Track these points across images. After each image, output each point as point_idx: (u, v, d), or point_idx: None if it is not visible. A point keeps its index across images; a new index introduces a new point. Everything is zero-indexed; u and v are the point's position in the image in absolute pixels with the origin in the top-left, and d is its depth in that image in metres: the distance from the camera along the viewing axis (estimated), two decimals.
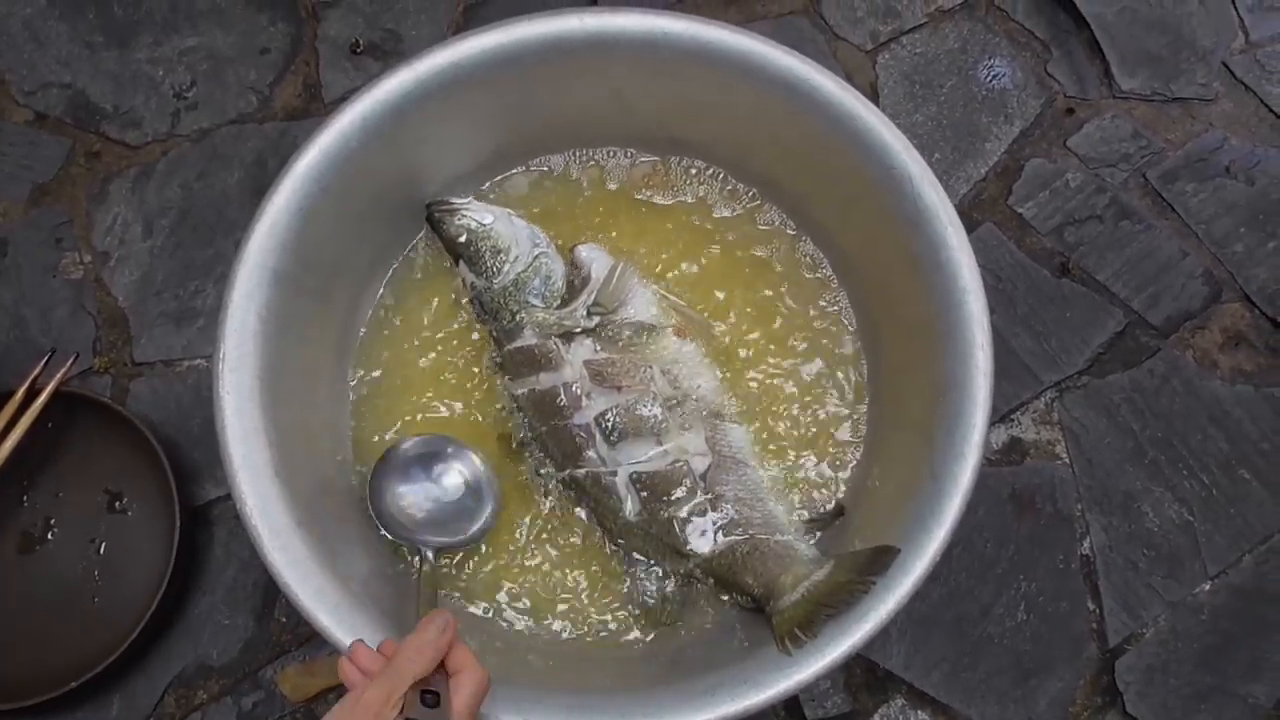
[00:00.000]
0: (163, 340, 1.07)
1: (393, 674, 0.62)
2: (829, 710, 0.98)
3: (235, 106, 1.16)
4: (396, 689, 0.61)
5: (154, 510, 0.99)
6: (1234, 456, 1.06)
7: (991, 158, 1.16)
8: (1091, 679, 1.00)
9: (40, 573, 0.99)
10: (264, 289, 0.79)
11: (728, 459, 0.85)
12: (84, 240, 1.10)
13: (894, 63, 1.19)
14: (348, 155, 0.82)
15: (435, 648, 0.64)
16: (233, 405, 0.76)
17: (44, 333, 1.07)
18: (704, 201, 0.95)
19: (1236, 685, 1.00)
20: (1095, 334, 1.09)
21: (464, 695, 0.63)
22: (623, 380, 0.85)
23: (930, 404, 0.79)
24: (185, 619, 1.00)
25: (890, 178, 0.82)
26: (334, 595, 0.74)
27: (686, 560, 0.83)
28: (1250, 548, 1.04)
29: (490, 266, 0.88)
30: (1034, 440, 1.06)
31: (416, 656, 0.63)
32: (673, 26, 0.85)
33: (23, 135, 1.14)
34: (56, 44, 1.17)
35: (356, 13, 1.19)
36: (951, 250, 0.80)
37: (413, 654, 0.63)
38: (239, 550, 1.02)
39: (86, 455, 1.01)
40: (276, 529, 0.74)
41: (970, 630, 1.01)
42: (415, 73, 0.83)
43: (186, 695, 0.98)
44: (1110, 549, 1.03)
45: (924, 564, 0.73)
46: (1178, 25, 1.21)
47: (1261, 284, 1.11)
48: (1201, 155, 1.16)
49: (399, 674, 0.62)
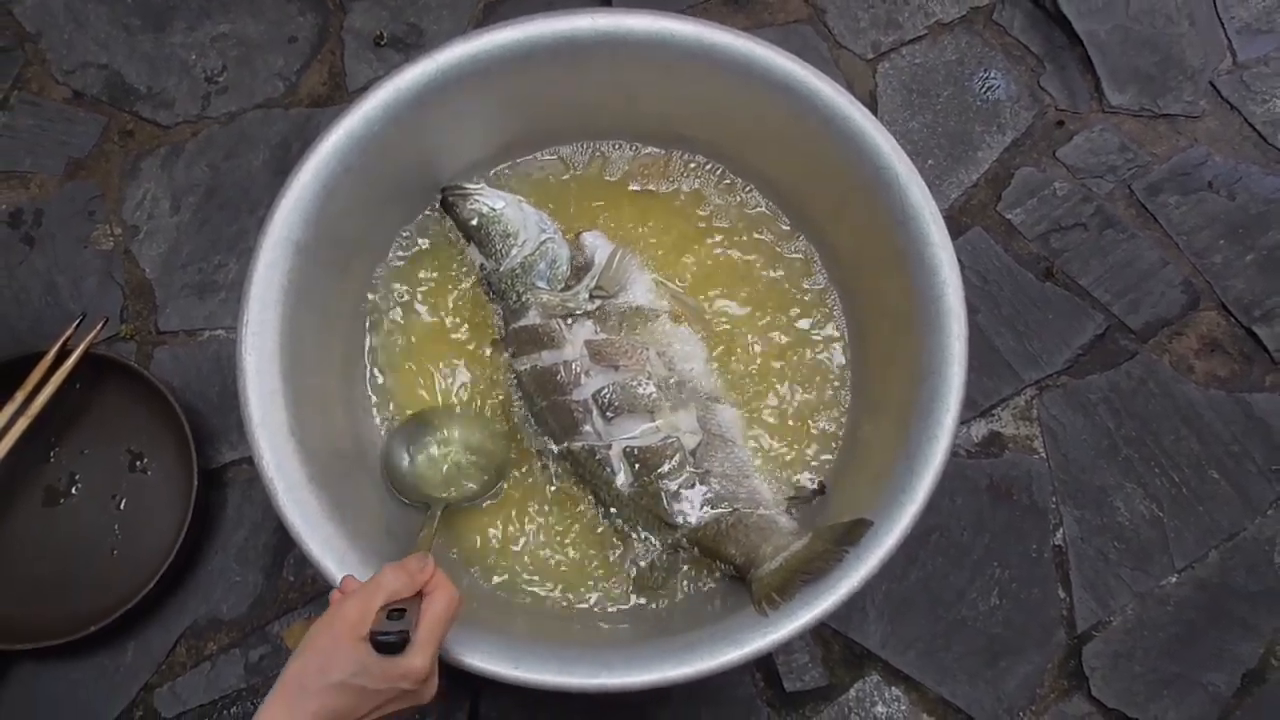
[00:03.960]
0: (186, 311, 1.13)
1: (369, 589, 0.67)
2: (807, 683, 1.03)
3: (263, 92, 1.21)
4: (371, 604, 0.65)
5: (172, 471, 1.05)
6: (1205, 457, 1.11)
7: (983, 165, 1.21)
8: (1059, 663, 1.05)
9: (64, 525, 1.04)
10: (287, 259, 0.84)
11: (716, 437, 0.90)
12: (115, 214, 1.16)
13: (893, 72, 1.24)
14: (370, 138, 0.87)
15: (411, 573, 0.69)
16: (254, 367, 0.81)
17: (74, 300, 1.12)
18: (703, 194, 1.00)
19: (1199, 674, 1.04)
20: (1076, 336, 1.14)
21: (434, 610, 0.67)
22: (620, 360, 0.90)
23: (908, 390, 0.84)
24: (198, 574, 1.05)
25: (879, 178, 0.87)
26: (340, 546, 0.78)
27: (674, 530, 0.87)
28: (1217, 544, 1.08)
29: (499, 249, 0.93)
30: (1013, 435, 1.11)
31: (394, 577, 0.67)
32: (679, 29, 0.89)
33: (61, 112, 1.19)
34: (96, 26, 1.23)
35: (382, 6, 1.25)
36: (934, 247, 0.84)
37: (390, 574, 0.68)
38: (251, 512, 1.07)
39: (111, 416, 1.06)
40: (290, 483, 0.79)
41: (945, 613, 1.05)
42: (436, 63, 0.88)
43: (197, 646, 1.03)
44: (1082, 540, 1.08)
45: (894, 537, 0.77)
46: (1168, 45, 1.26)
47: (1238, 294, 1.16)
48: (1185, 169, 1.21)
49: (375, 589, 0.66)
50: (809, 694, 1.03)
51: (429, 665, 0.65)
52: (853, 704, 1.03)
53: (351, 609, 0.65)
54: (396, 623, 0.65)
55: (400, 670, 0.64)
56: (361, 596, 0.66)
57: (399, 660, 0.64)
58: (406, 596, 0.68)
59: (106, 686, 1.01)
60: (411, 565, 0.69)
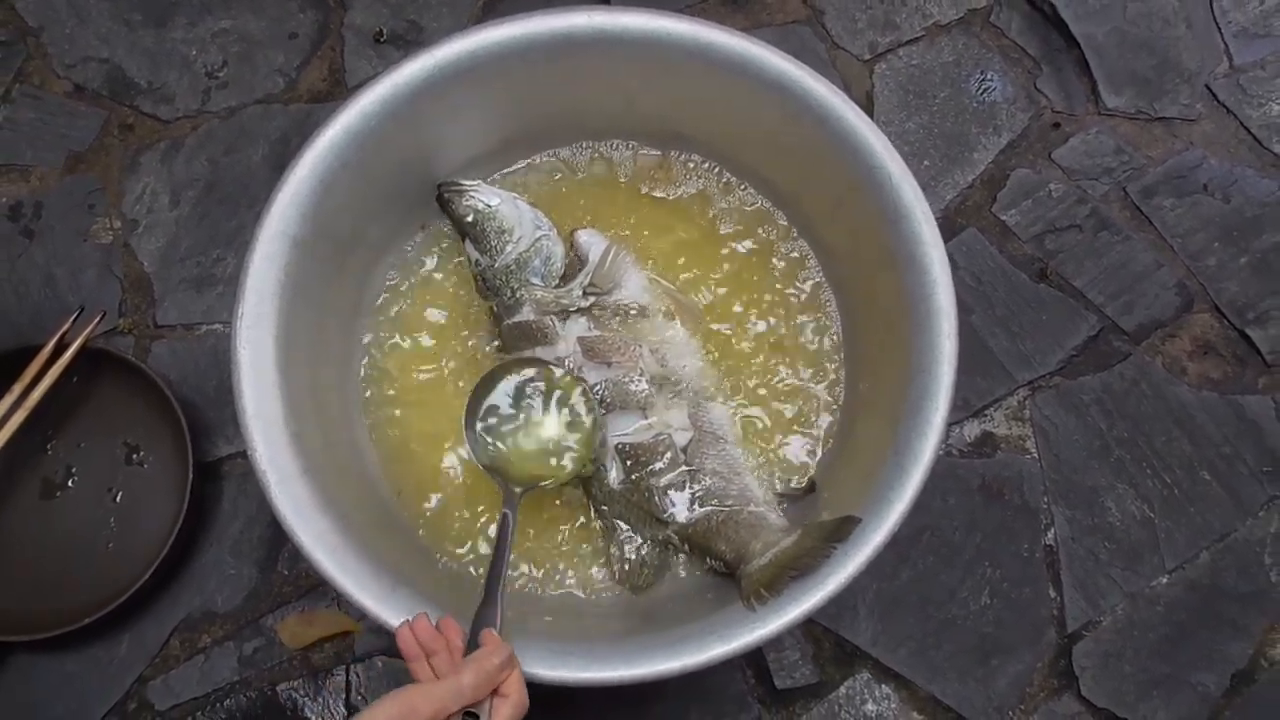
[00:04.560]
0: (184, 305, 1.13)
1: (450, 692, 0.64)
2: (798, 680, 1.03)
3: (263, 87, 1.22)
4: (450, 707, 0.64)
5: (168, 464, 1.05)
6: (1196, 458, 1.11)
7: (979, 166, 1.21)
8: (1049, 662, 1.05)
9: (60, 517, 1.04)
10: (283, 254, 0.85)
11: (708, 435, 0.90)
12: (114, 207, 1.16)
13: (890, 73, 1.25)
14: (367, 133, 0.88)
15: (494, 680, 0.67)
16: (249, 360, 0.82)
17: (73, 292, 1.13)
18: (701, 194, 1.00)
19: (1188, 674, 1.05)
20: (1069, 337, 1.14)
21: (501, 717, 0.67)
22: (613, 357, 0.90)
23: (899, 389, 0.84)
24: (193, 567, 1.05)
25: (873, 177, 0.87)
26: (333, 539, 0.78)
27: (665, 526, 0.88)
28: (1207, 545, 1.09)
29: (494, 246, 0.94)
30: (1005, 435, 1.12)
31: (477, 683, 0.66)
32: (675, 27, 0.90)
33: (62, 105, 1.20)
34: (97, 20, 1.24)
35: (382, 3, 1.26)
36: (925, 246, 0.85)
37: (473, 679, 0.66)
38: (246, 506, 1.07)
39: (108, 409, 1.07)
40: (284, 475, 0.79)
41: (936, 611, 1.06)
42: (434, 59, 0.89)
43: (191, 638, 1.04)
44: (1073, 540, 1.08)
45: (882, 534, 0.78)
46: (1165, 48, 1.26)
47: (1232, 297, 1.16)
48: (1181, 172, 1.21)
49: (457, 694, 0.65)
50: (800, 691, 1.03)
51: None
52: (843, 701, 1.03)
53: (425, 708, 0.63)
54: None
55: None
56: (439, 698, 0.64)
57: None
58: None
59: (101, 678, 1.02)
60: (493, 666, 0.67)
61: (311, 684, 1.01)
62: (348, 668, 1.02)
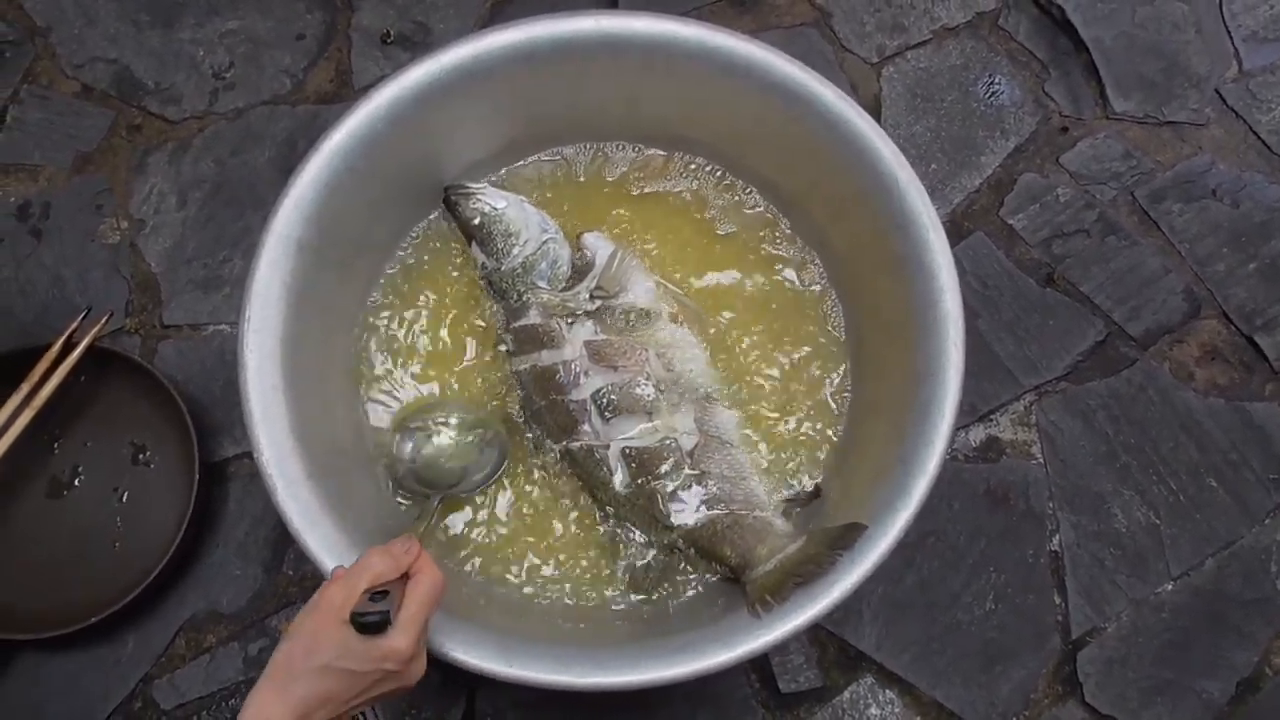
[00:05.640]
0: (190, 305, 1.13)
1: (354, 572, 0.67)
2: (802, 685, 1.03)
3: (270, 88, 1.22)
4: (356, 587, 0.66)
5: (174, 464, 1.06)
6: (1203, 465, 1.11)
7: (986, 170, 1.21)
8: (1054, 668, 1.05)
9: (66, 517, 1.05)
10: (289, 258, 0.85)
11: (714, 439, 0.90)
12: (122, 207, 1.17)
13: (898, 76, 1.24)
14: (373, 137, 0.88)
15: (396, 555, 0.69)
16: (255, 364, 0.82)
17: (80, 292, 1.13)
18: (704, 197, 1.00)
19: (1192, 681, 1.05)
20: (1076, 342, 1.14)
21: (417, 591, 0.68)
22: (619, 360, 0.90)
23: (905, 395, 0.84)
24: (199, 568, 1.05)
25: (880, 183, 0.87)
26: (339, 542, 0.78)
27: (670, 531, 0.87)
28: (1213, 552, 1.08)
29: (501, 249, 0.94)
30: (1011, 440, 1.11)
31: (378, 559, 0.68)
32: (681, 31, 0.90)
33: (70, 106, 1.20)
34: (105, 21, 1.24)
35: (389, 4, 1.26)
36: (932, 252, 0.85)
37: (375, 557, 0.68)
38: (252, 507, 1.07)
39: (114, 409, 1.07)
40: (290, 479, 0.80)
41: (940, 616, 1.06)
42: (440, 64, 0.89)
43: (196, 638, 1.04)
44: (1078, 546, 1.08)
45: (888, 541, 0.78)
46: (1174, 52, 1.26)
47: (1240, 303, 1.16)
48: (1189, 177, 1.21)
49: (360, 572, 0.67)
50: (804, 695, 1.03)
51: (412, 646, 0.66)
52: (847, 706, 1.03)
53: (336, 592, 0.66)
54: (378, 603, 0.65)
55: (382, 651, 0.64)
56: (346, 580, 0.67)
57: (381, 641, 0.64)
58: (392, 579, 0.68)
59: (106, 677, 1.02)
60: (396, 548, 0.70)
61: None
62: None
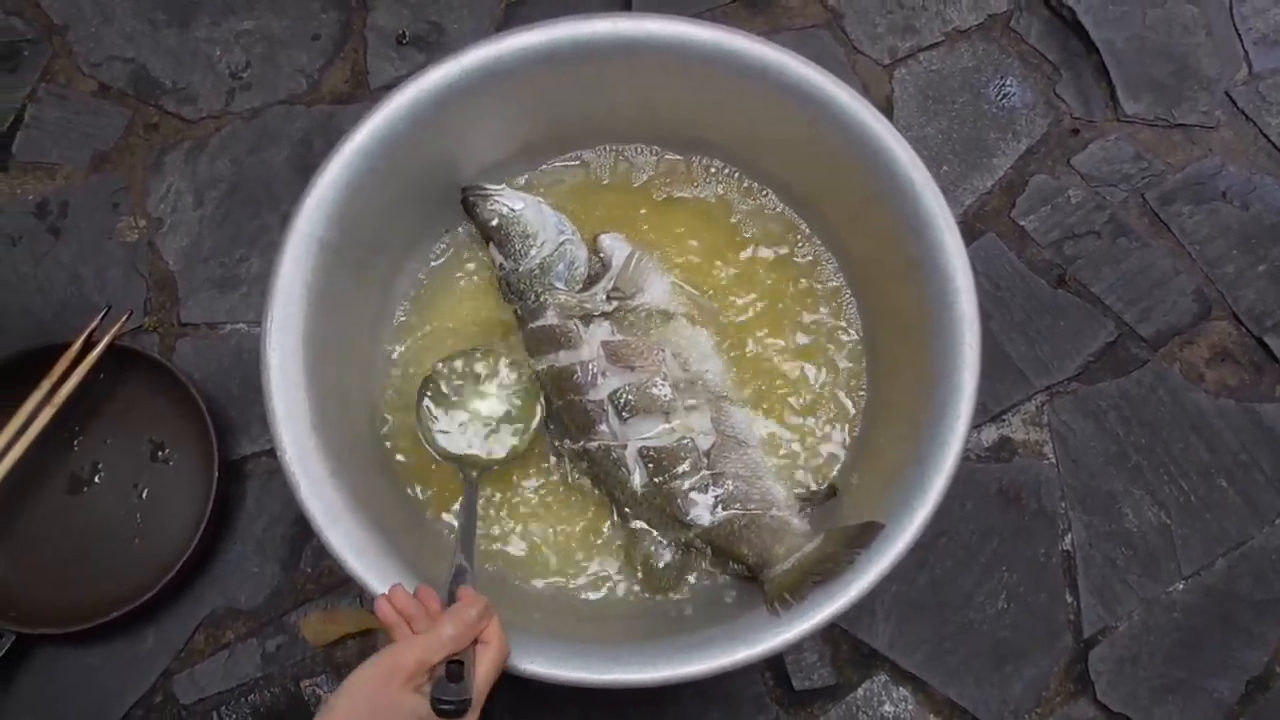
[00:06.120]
0: (208, 304, 1.14)
1: (432, 643, 0.66)
2: (815, 682, 1.04)
3: (286, 88, 1.23)
4: (432, 657, 0.66)
5: (193, 461, 1.06)
6: (1213, 466, 1.11)
7: (998, 172, 1.21)
8: (1065, 667, 1.06)
9: (86, 513, 1.05)
10: (311, 257, 0.85)
11: (730, 439, 0.91)
12: (139, 206, 1.17)
13: (910, 78, 1.25)
14: (394, 138, 0.89)
15: (469, 623, 0.68)
16: (277, 363, 0.82)
17: (98, 291, 1.14)
18: (721, 199, 1.01)
19: (1203, 680, 1.05)
20: (1087, 343, 1.15)
21: (486, 668, 0.68)
22: (636, 361, 0.91)
23: (921, 396, 0.85)
24: (217, 564, 1.06)
25: (895, 184, 0.88)
26: (361, 539, 0.79)
27: (687, 530, 0.88)
28: (1224, 552, 1.09)
29: (518, 250, 0.94)
30: (1023, 440, 1.12)
31: (452, 628, 0.67)
32: (698, 33, 0.91)
33: (87, 104, 1.21)
34: (122, 20, 1.24)
35: (404, 5, 1.26)
36: (948, 254, 0.86)
37: (449, 627, 0.67)
38: (270, 504, 1.08)
39: (134, 406, 1.08)
40: (313, 477, 0.80)
41: (953, 615, 1.07)
42: (460, 65, 0.89)
43: (215, 634, 1.05)
44: (1090, 546, 1.09)
45: (906, 540, 0.79)
46: (1184, 54, 1.26)
47: (1250, 304, 1.17)
48: (1200, 179, 1.21)
49: (438, 644, 0.66)
50: (818, 693, 1.04)
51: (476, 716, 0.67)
52: (860, 703, 1.04)
53: (409, 659, 0.65)
54: (458, 685, 0.65)
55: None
56: (421, 648, 0.66)
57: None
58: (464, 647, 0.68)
59: (126, 672, 1.03)
60: (469, 614, 0.69)
61: (335, 680, 1.02)
62: None
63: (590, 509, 0.92)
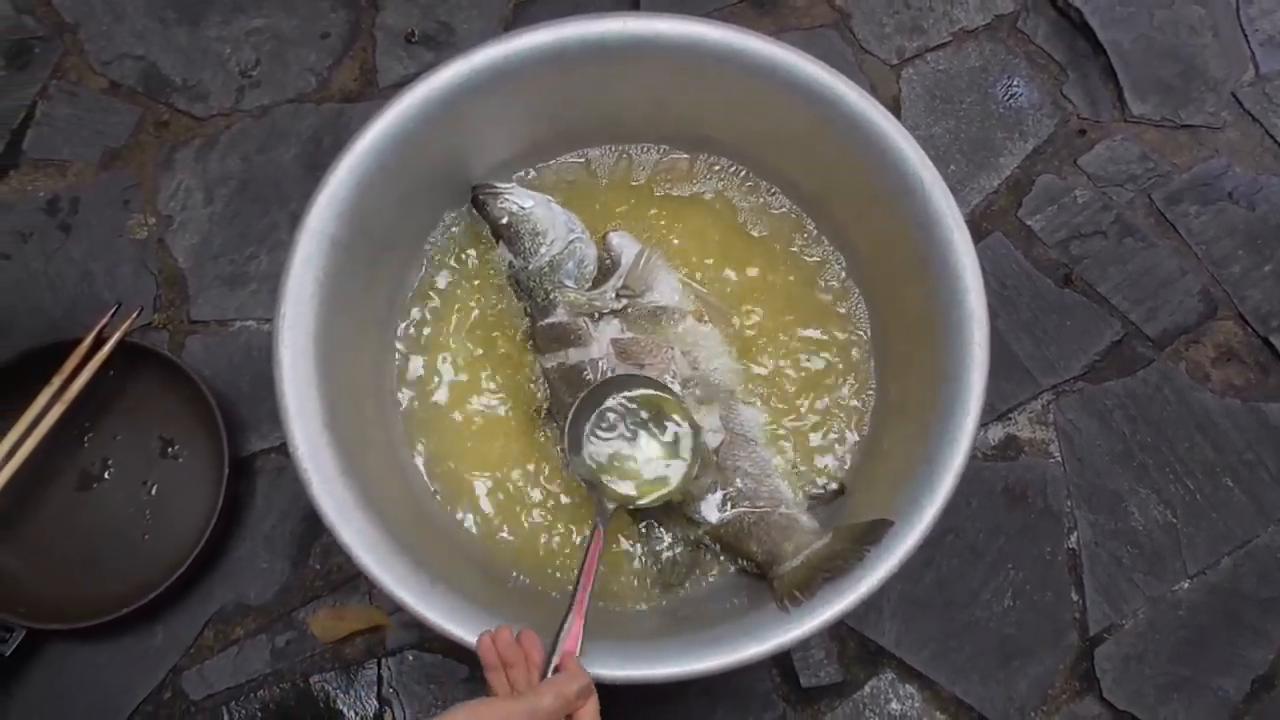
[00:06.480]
0: (218, 301, 1.15)
1: (527, 711, 0.65)
2: (823, 679, 1.04)
3: (295, 86, 1.23)
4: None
5: (203, 458, 1.07)
6: (1219, 465, 1.12)
7: (1004, 171, 1.22)
8: (1071, 665, 1.06)
9: (96, 509, 1.06)
10: (322, 255, 0.86)
11: (739, 437, 0.91)
12: (149, 203, 1.18)
13: (917, 77, 1.26)
14: (404, 136, 0.89)
15: (571, 708, 0.67)
16: (289, 360, 0.83)
17: (109, 287, 1.14)
18: (728, 198, 1.01)
19: (1208, 678, 1.06)
20: (1093, 342, 1.15)
21: None
22: (645, 359, 0.91)
23: (929, 394, 0.85)
24: (226, 560, 1.07)
25: (904, 183, 0.88)
26: (372, 536, 0.80)
27: (697, 527, 0.89)
28: (1229, 551, 1.10)
29: (528, 248, 0.95)
30: (1029, 439, 1.13)
31: (555, 708, 0.66)
32: (709, 33, 0.91)
33: (98, 102, 1.22)
34: (133, 18, 1.25)
35: (413, 3, 1.27)
36: (957, 253, 0.86)
37: (553, 703, 0.66)
38: (279, 501, 1.09)
39: (144, 403, 1.08)
40: (325, 474, 0.80)
41: (959, 613, 1.07)
42: (470, 64, 0.90)
43: (224, 630, 1.05)
44: (1096, 544, 1.09)
45: (914, 538, 0.79)
46: (1191, 56, 1.27)
47: (1255, 304, 1.17)
48: (1206, 180, 1.22)
49: (532, 715, 0.65)
50: (825, 690, 1.04)
51: None
52: (867, 700, 1.05)
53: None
54: None
55: None
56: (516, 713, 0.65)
57: None
58: None
59: (135, 668, 1.03)
60: (571, 692, 0.68)
61: (344, 677, 1.03)
62: (379, 662, 1.03)
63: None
